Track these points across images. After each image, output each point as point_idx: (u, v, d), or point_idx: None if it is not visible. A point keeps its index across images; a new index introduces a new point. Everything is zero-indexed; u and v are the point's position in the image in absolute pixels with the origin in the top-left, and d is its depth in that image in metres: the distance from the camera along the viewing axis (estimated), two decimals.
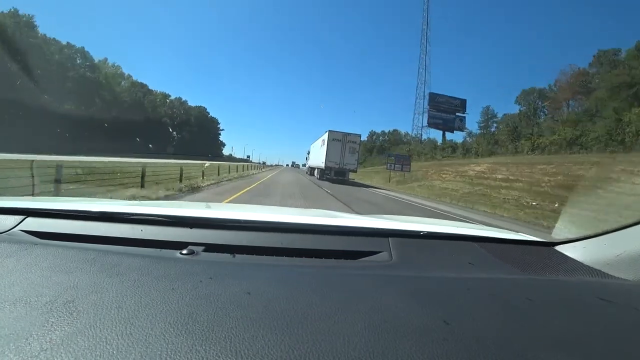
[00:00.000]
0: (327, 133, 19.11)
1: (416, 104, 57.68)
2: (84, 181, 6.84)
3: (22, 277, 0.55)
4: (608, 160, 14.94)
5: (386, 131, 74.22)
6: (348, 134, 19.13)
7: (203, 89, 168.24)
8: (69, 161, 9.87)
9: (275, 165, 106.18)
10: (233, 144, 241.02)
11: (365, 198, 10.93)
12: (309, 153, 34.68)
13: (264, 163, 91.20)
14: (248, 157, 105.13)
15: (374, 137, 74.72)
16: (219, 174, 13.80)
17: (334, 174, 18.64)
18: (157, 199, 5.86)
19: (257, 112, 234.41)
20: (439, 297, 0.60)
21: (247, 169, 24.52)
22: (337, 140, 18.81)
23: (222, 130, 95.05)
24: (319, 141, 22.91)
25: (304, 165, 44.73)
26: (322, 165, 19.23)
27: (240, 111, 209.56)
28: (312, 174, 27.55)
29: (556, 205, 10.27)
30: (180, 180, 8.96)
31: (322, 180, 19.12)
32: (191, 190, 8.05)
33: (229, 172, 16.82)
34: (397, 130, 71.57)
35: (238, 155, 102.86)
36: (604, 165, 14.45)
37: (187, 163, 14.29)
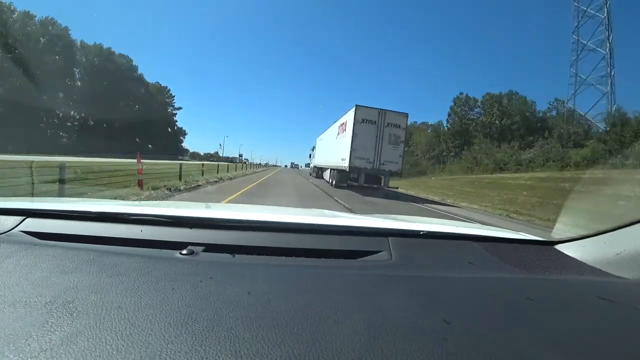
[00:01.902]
0: (352, 110, 11.92)
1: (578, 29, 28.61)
2: None
3: (22, 278, 0.55)
4: None
5: (493, 93, 37.45)
6: (387, 112, 11.85)
7: (199, 86, 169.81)
8: None
9: (265, 165, 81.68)
10: (225, 142, 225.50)
11: None
12: (313, 149, 25.95)
13: (231, 159, 59.38)
14: (241, 156, 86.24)
15: (468, 104, 39.32)
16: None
17: (365, 180, 11.90)
18: None
19: (256, 112, 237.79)
20: (439, 296, 0.60)
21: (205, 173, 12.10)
22: (370, 123, 11.66)
23: (179, 109, 64.31)
24: (335, 128, 15.39)
25: (307, 165, 35.96)
26: (344, 164, 12.06)
27: (237, 111, 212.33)
28: (319, 176, 20.33)
29: None
30: None
31: (341, 188, 12.65)
32: None
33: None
34: (512, 92, 36.38)
35: (223, 154, 76.79)
36: None
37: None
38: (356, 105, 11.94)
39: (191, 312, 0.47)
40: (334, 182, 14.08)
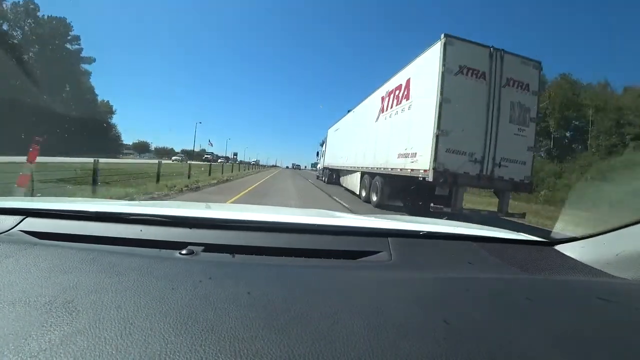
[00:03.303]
0: (436, 49, 5.56)
1: None
2: None
3: (22, 278, 0.55)
4: None
5: None
6: (506, 55, 5.58)
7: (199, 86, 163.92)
8: None
9: (255, 164, 58.61)
10: (217, 139, 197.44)
11: None
12: (323, 144, 17.86)
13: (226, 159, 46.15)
14: (235, 155, 75.44)
15: None
16: None
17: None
18: None
19: (257, 113, 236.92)
20: (439, 296, 0.60)
21: None
22: (476, 77, 5.42)
23: (91, 61, 38.27)
24: (373, 101, 8.85)
25: (314, 165, 27.28)
26: (418, 165, 5.75)
27: (236, 110, 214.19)
28: (333, 181, 14.15)
29: None
30: None
31: (391, 210, 6.58)
32: None
33: None
34: None
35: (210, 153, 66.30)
36: None
37: None
38: (446, 36, 5.43)
39: (191, 312, 0.47)
40: (375, 199, 7.29)
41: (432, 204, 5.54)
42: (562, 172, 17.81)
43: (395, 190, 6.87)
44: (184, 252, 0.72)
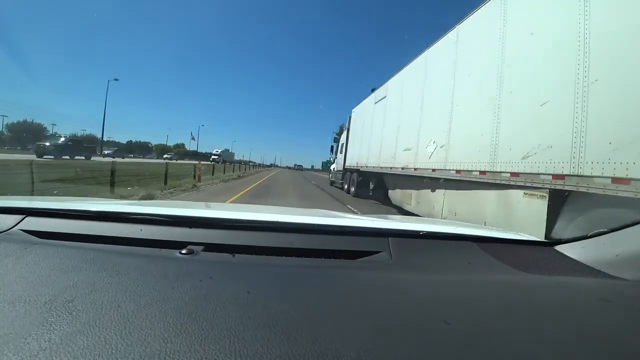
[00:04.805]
0: None
1: None
2: None
3: (22, 277, 0.55)
4: None
5: None
6: None
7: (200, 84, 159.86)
8: None
9: (217, 158, 46.30)
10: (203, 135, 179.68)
11: None
12: (342, 134, 11.79)
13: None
14: (227, 151, 66.22)
15: None
16: None
17: None
18: None
19: (257, 113, 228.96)
20: (439, 296, 0.60)
21: None
22: None
23: None
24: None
25: (326, 165, 21.52)
26: None
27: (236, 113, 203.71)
28: (370, 194, 8.32)
29: None
30: None
31: None
32: None
33: None
34: None
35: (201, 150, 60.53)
36: None
37: None
38: None
39: (191, 311, 0.47)
40: None
41: None
42: None
43: None
44: (184, 251, 0.72)
